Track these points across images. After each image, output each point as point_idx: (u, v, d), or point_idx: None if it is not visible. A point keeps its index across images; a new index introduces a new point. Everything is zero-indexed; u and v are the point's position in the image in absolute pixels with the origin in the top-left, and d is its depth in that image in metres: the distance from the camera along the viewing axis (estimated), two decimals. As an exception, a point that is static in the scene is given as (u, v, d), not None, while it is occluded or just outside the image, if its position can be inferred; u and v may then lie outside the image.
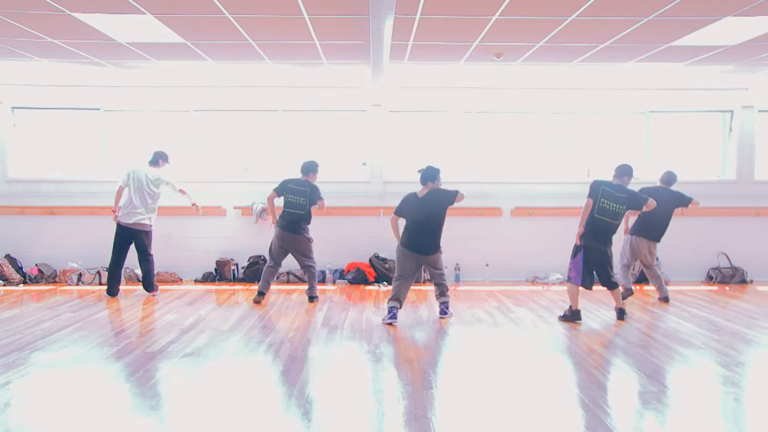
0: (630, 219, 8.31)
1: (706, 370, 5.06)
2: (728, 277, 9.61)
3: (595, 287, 6.98)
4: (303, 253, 7.82)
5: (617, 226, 6.81)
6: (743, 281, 9.62)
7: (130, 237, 8.15)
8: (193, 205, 8.64)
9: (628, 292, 8.03)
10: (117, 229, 8.15)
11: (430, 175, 6.89)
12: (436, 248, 6.86)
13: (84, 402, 4.24)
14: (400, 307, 6.81)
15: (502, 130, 10.05)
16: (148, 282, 8.32)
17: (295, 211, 7.69)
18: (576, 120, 10.06)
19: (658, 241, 8.02)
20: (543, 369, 5.11)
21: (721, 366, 5.09)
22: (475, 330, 6.44)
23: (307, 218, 7.75)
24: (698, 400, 4.38)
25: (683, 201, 8.02)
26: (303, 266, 7.92)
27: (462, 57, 7.97)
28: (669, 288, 8.59)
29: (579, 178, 9.50)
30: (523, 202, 9.81)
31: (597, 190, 6.83)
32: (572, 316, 6.80)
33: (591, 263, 6.80)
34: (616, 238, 7.02)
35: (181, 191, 8.46)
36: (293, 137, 9.97)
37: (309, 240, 7.81)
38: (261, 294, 7.82)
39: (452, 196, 6.80)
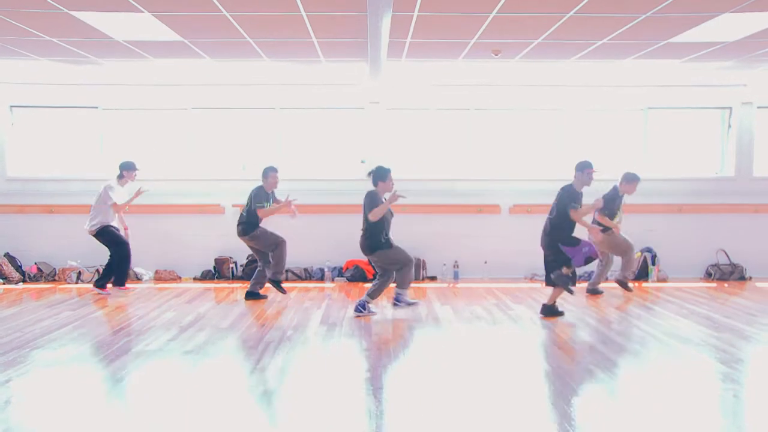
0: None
1: (705, 367, 5.07)
2: (727, 273, 9.62)
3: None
4: (261, 245, 7.77)
5: (552, 220, 6.92)
6: (742, 278, 9.62)
7: None
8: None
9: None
10: None
11: (379, 175, 6.91)
12: (369, 248, 6.86)
13: (83, 400, 4.25)
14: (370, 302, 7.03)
15: (501, 127, 10.05)
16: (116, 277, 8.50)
17: (242, 214, 7.82)
18: (574, 117, 10.06)
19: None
20: (541, 366, 5.12)
21: (720, 363, 5.10)
22: (474, 327, 6.45)
23: (246, 222, 7.70)
24: (697, 396, 4.39)
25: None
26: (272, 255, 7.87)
27: (460, 54, 7.97)
28: (668, 285, 8.66)
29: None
30: (522, 200, 9.81)
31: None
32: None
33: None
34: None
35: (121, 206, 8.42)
36: (291, 135, 9.97)
37: (255, 237, 7.70)
38: (252, 295, 7.93)
39: (375, 202, 6.78)
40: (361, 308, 6.88)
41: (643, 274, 9.54)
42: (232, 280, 9.53)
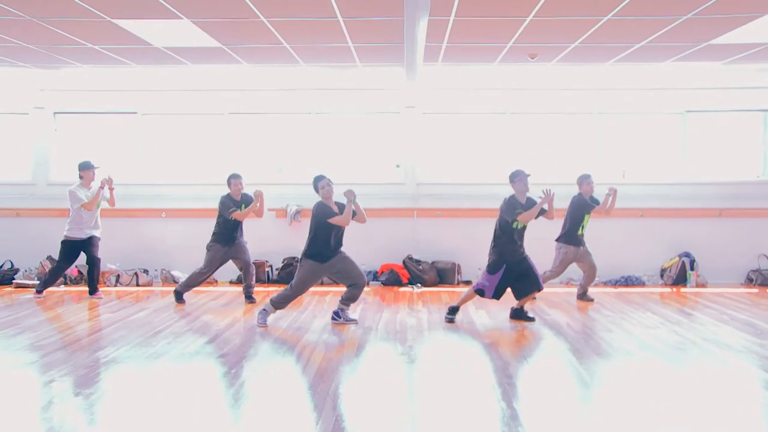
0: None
1: (747, 374, 4.96)
2: (769, 279, 9.41)
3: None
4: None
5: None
6: (785, 284, 9.41)
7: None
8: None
9: None
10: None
11: (314, 186, 6.68)
12: (304, 254, 6.67)
13: (123, 401, 4.32)
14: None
15: (537, 131, 9.98)
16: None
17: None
18: (611, 120, 9.95)
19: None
20: (577, 370, 5.06)
21: (763, 370, 4.98)
22: (509, 333, 6.40)
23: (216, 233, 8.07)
24: (739, 404, 4.29)
25: None
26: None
27: (496, 58, 7.94)
28: (707, 290, 8.58)
29: (614, 179, 9.38)
30: (557, 204, 9.67)
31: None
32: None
33: None
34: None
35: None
36: (327, 139, 10.03)
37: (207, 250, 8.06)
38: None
39: (328, 213, 6.52)
40: (336, 316, 6.79)
41: (681, 280, 9.37)
42: (268, 284, 9.60)
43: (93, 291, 8.35)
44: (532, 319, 6.85)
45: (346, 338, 6.07)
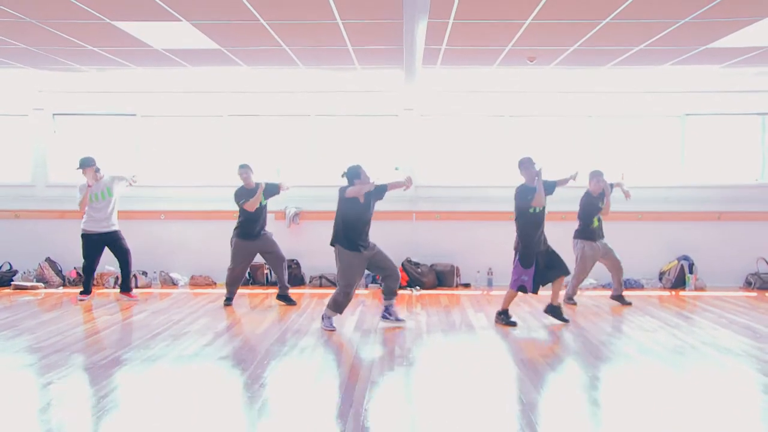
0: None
1: (747, 378, 4.96)
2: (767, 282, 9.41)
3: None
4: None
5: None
6: (783, 287, 9.41)
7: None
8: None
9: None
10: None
11: (354, 173, 6.55)
12: (334, 239, 6.55)
13: (122, 403, 4.32)
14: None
15: (536, 134, 9.98)
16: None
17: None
18: (610, 123, 9.96)
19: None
20: (576, 373, 5.06)
21: (762, 374, 4.99)
22: (508, 336, 6.40)
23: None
24: (739, 408, 4.30)
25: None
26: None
27: (495, 61, 7.95)
28: (706, 293, 8.60)
29: (614, 181, 9.37)
30: (557, 207, 9.68)
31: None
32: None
33: None
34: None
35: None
36: (326, 141, 10.02)
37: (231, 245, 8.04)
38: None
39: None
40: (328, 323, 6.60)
41: (680, 283, 9.37)
42: (266, 286, 9.59)
43: (126, 289, 8.35)
44: (566, 321, 6.90)
45: (344, 341, 6.08)
